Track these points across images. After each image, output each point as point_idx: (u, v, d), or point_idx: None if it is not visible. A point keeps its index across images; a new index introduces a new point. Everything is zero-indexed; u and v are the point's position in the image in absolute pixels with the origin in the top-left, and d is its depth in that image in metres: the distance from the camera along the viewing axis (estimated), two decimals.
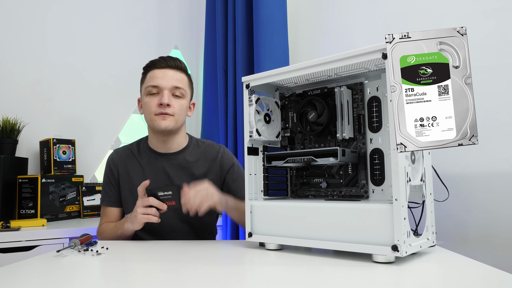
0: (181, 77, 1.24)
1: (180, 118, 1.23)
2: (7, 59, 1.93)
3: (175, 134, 1.26)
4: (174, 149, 1.27)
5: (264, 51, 1.71)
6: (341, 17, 1.68)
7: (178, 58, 1.27)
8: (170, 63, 1.23)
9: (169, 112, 1.19)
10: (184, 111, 1.24)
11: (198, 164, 1.27)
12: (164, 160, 1.26)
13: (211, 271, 0.76)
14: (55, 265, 0.81)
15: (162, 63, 1.22)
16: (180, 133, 1.27)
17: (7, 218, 1.64)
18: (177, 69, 1.23)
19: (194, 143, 1.32)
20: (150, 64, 1.24)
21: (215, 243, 1.08)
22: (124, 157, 1.29)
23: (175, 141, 1.27)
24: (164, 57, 1.25)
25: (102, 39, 2.19)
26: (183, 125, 1.28)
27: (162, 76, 1.21)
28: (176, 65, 1.23)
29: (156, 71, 1.22)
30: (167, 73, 1.21)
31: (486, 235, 1.21)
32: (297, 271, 0.75)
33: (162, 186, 1.10)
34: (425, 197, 0.87)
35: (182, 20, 2.48)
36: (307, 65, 0.91)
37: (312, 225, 0.87)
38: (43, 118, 1.98)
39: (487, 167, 1.22)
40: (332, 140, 1.02)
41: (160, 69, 1.22)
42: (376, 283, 0.66)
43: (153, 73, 1.22)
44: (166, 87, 1.20)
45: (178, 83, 1.22)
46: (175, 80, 1.21)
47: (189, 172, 1.26)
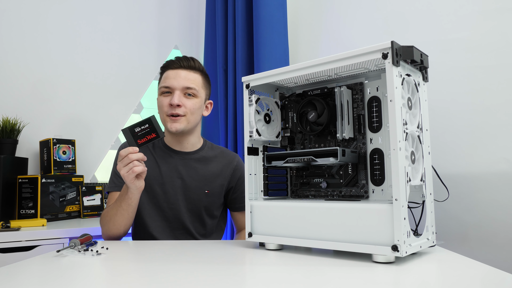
0: (194, 77, 1.24)
1: (192, 118, 1.24)
2: (7, 59, 1.93)
3: (189, 134, 1.28)
4: (189, 149, 1.30)
5: (264, 51, 1.71)
6: (341, 17, 1.68)
7: (194, 58, 1.29)
8: (183, 63, 1.24)
9: (180, 112, 1.20)
10: (197, 110, 1.26)
11: (212, 166, 1.30)
12: (178, 158, 1.28)
13: (211, 271, 0.76)
14: (55, 265, 0.81)
15: (176, 63, 1.24)
16: (194, 133, 1.30)
17: (7, 218, 1.64)
18: (190, 69, 1.25)
19: (209, 146, 1.35)
20: (165, 64, 1.27)
21: (215, 243, 1.08)
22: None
23: (189, 141, 1.29)
24: (179, 57, 1.27)
25: (102, 39, 2.19)
26: (197, 125, 1.29)
27: (174, 76, 1.22)
28: (190, 65, 1.25)
29: (169, 71, 1.24)
30: (179, 74, 1.23)
31: (486, 235, 1.21)
32: (297, 271, 0.75)
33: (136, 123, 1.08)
34: (425, 197, 0.87)
35: (182, 20, 2.48)
36: (307, 65, 0.90)
37: (312, 225, 0.87)
38: (43, 118, 1.99)
39: (487, 167, 1.22)
40: (332, 140, 1.02)
41: (173, 70, 1.24)
42: (376, 283, 0.66)
43: (167, 73, 1.24)
44: (177, 87, 1.21)
45: (190, 83, 1.23)
46: (187, 80, 1.23)
47: (201, 172, 1.28)
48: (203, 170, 1.28)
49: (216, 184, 1.29)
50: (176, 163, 1.27)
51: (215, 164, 1.31)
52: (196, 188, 1.26)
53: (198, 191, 1.26)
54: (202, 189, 1.27)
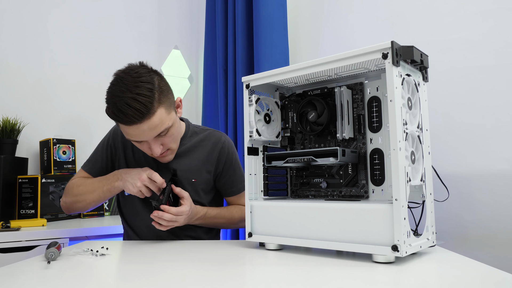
0: (155, 122, 1.03)
1: (177, 142, 1.18)
2: (7, 59, 1.93)
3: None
4: None
5: (264, 51, 1.71)
6: (341, 17, 1.68)
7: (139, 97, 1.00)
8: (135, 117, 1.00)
9: (164, 152, 1.14)
10: (176, 130, 1.15)
11: (197, 153, 1.23)
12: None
13: (211, 271, 0.76)
14: (55, 265, 0.81)
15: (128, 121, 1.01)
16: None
17: (7, 218, 1.64)
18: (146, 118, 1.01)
19: (192, 131, 1.26)
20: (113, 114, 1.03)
21: (215, 243, 1.08)
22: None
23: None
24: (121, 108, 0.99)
25: (102, 39, 2.19)
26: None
27: (137, 133, 1.04)
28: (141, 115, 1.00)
29: (125, 128, 1.04)
30: (139, 129, 1.02)
31: (486, 235, 1.21)
32: (297, 271, 0.75)
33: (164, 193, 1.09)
34: (425, 197, 0.87)
35: (182, 20, 2.48)
36: (307, 65, 0.90)
37: (312, 225, 0.87)
38: (43, 118, 1.99)
39: (487, 167, 1.21)
40: (332, 140, 1.02)
41: (129, 126, 1.02)
42: (376, 283, 0.66)
43: (125, 129, 1.05)
44: (148, 139, 1.07)
45: (157, 130, 1.05)
46: (152, 130, 1.04)
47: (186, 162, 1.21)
48: (187, 160, 1.22)
49: (202, 172, 1.23)
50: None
51: (200, 151, 1.24)
52: (183, 179, 1.20)
53: (184, 181, 1.20)
54: (188, 178, 1.21)
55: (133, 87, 1.01)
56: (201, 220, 1.17)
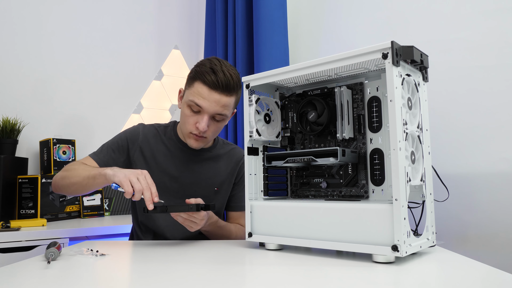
0: (227, 102, 1.12)
1: (216, 134, 1.21)
2: (8, 59, 1.94)
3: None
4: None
5: (264, 51, 1.71)
6: (341, 17, 1.68)
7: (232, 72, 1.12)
8: (221, 83, 1.09)
9: (204, 135, 1.17)
10: (219, 130, 1.21)
11: (222, 163, 1.29)
12: (191, 153, 1.25)
13: (211, 271, 0.76)
14: (55, 265, 0.81)
15: (213, 82, 1.09)
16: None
17: (7, 218, 1.64)
18: (227, 92, 1.11)
19: (221, 143, 1.33)
20: (201, 73, 1.11)
21: (215, 243, 1.08)
22: (151, 136, 1.27)
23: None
24: (216, 71, 1.10)
25: (102, 39, 2.19)
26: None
27: (207, 97, 1.10)
28: (227, 87, 1.10)
29: (203, 88, 1.10)
30: (213, 96, 1.10)
31: (486, 235, 1.21)
32: (297, 271, 0.75)
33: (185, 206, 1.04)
34: (425, 197, 0.87)
35: (182, 20, 2.48)
36: (307, 65, 0.90)
37: (312, 225, 0.87)
38: (43, 118, 1.99)
39: (487, 167, 1.22)
40: (332, 140, 1.02)
41: (207, 88, 1.10)
42: (376, 283, 0.66)
43: (200, 89, 1.11)
44: (207, 111, 1.12)
45: (222, 109, 1.12)
46: (219, 106, 1.12)
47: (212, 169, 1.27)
48: (214, 168, 1.28)
49: (225, 182, 1.29)
50: (189, 159, 1.25)
51: (226, 162, 1.30)
52: (206, 185, 1.26)
53: (208, 188, 1.26)
54: (212, 186, 1.27)
55: (228, 65, 1.14)
56: (211, 227, 1.17)
